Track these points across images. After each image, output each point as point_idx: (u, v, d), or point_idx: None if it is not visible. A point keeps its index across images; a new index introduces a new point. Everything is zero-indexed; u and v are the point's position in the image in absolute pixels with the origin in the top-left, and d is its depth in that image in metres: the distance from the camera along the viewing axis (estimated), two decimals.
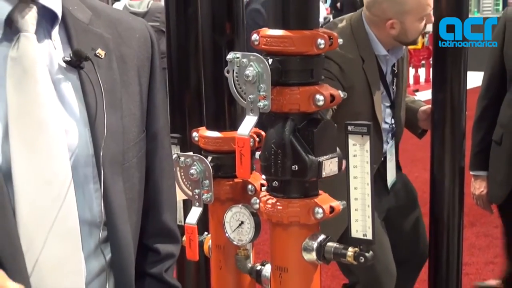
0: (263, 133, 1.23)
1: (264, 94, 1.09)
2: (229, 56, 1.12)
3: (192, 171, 1.25)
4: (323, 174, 1.11)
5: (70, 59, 0.89)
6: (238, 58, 1.10)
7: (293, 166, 1.10)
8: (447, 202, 2.05)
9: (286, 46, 1.09)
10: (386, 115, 2.33)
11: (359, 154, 1.10)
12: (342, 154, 1.14)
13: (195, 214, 1.27)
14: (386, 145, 2.33)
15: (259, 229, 1.23)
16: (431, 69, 2.12)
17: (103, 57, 0.93)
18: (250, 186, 1.27)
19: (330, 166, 1.12)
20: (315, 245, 1.14)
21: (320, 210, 1.12)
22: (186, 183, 1.27)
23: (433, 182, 2.10)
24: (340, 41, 1.13)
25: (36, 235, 0.84)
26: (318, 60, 1.12)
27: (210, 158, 1.28)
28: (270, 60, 1.09)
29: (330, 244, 1.15)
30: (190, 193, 1.27)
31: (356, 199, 1.12)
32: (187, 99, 1.68)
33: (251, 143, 1.15)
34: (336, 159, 1.13)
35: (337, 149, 1.14)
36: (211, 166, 1.25)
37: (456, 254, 2.05)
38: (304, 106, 1.11)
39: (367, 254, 1.13)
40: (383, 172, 2.34)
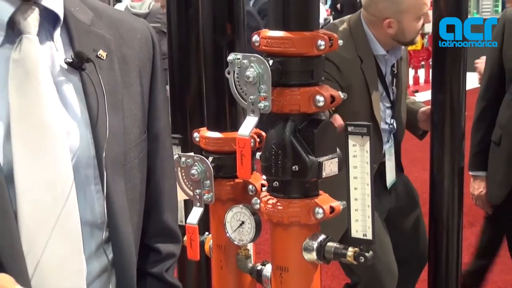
0: (263, 133, 1.23)
1: (264, 95, 1.09)
2: (229, 57, 1.12)
3: (193, 171, 1.25)
4: (323, 174, 1.12)
5: (71, 60, 0.89)
6: (239, 59, 1.11)
7: (293, 167, 1.11)
8: (446, 202, 2.05)
9: (287, 47, 1.10)
10: (386, 115, 2.33)
11: (359, 154, 1.11)
12: (342, 154, 1.15)
13: (196, 214, 1.27)
14: (386, 145, 2.33)
15: (260, 229, 1.23)
16: (431, 70, 2.12)
17: (104, 58, 0.93)
18: (250, 187, 1.27)
19: (330, 167, 1.13)
20: (315, 245, 1.14)
21: (321, 210, 1.13)
22: (187, 183, 1.27)
23: (432, 182, 2.10)
24: (340, 42, 1.13)
25: (38, 236, 0.84)
26: (318, 61, 1.12)
27: (211, 159, 1.28)
28: (271, 61, 1.09)
29: (330, 244, 1.15)
30: (191, 193, 1.27)
31: (356, 199, 1.13)
32: (188, 99, 1.68)
33: (251, 144, 1.16)
34: (336, 159, 1.14)
35: (337, 149, 1.14)
36: (212, 167, 1.26)
37: (456, 254, 2.05)
38: (305, 107, 1.11)
39: (367, 254, 1.13)
40: (383, 172, 2.35)
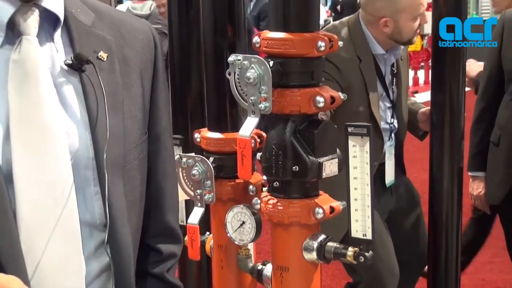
0: (264, 134, 1.24)
1: (265, 96, 1.09)
2: (230, 58, 1.12)
3: (194, 171, 1.25)
4: (323, 174, 1.12)
5: (71, 62, 0.89)
6: (240, 60, 1.11)
7: (293, 167, 1.11)
8: (445, 202, 2.05)
9: (287, 48, 1.10)
10: (387, 115, 2.34)
11: (359, 155, 1.11)
12: (342, 154, 1.15)
13: (197, 214, 1.28)
14: (386, 144, 2.34)
15: (260, 229, 1.24)
16: (430, 70, 2.13)
17: (105, 59, 0.92)
18: (251, 187, 1.28)
19: (330, 167, 1.13)
20: (315, 245, 1.14)
21: (321, 211, 1.13)
22: (188, 183, 1.28)
23: (432, 182, 2.11)
24: (340, 43, 1.13)
25: (37, 237, 0.84)
26: (318, 62, 1.13)
27: (211, 159, 1.28)
28: (271, 62, 1.10)
29: (330, 244, 1.15)
30: (192, 193, 1.27)
31: (356, 199, 1.13)
32: (189, 100, 1.68)
33: (252, 144, 1.16)
34: (336, 160, 1.14)
35: (337, 150, 1.15)
36: (213, 167, 1.26)
37: (455, 254, 2.06)
38: (305, 108, 1.11)
39: (367, 254, 1.13)
40: (384, 173, 2.35)
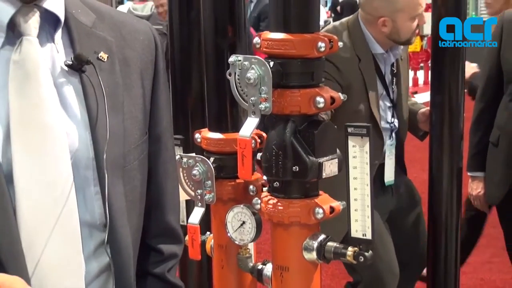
0: (264, 134, 1.24)
1: (265, 96, 1.09)
2: (231, 59, 1.12)
3: (194, 172, 1.25)
4: (323, 175, 1.12)
5: (71, 62, 0.90)
6: (240, 61, 1.11)
7: (294, 167, 1.11)
8: (445, 202, 2.06)
9: (287, 49, 1.10)
10: (387, 114, 2.34)
11: (359, 155, 1.11)
12: (342, 153, 1.15)
13: (197, 214, 1.27)
14: (387, 142, 2.35)
15: (260, 229, 1.24)
16: (430, 71, 2.14)
17: (105, 60, 0.93)
18: (251, 187, 1.28)
19: (330, 167, 1.13)
20: (315, 244, 1.14)
21: (321, 211, 1.13)
22: (189, 183, 1.28)
23: (431, 182, 2.12)
24: (340, 44, 1.13)
25: (37, 237, 0.85)
26: (318, 63, 1.13)
27: (212, 159, 1.28)
28: (271, 63, 1.10)
29: (330, 243, 1.15)
30: (193, 193, 1.27)
31: (355, 199, 1.13)
32: (190, 101, 1.69)
33: (252, 145, 1.16)
34: (336, 160, 1.14)
35: (337, 150, 1.15)
36: (213, 167, 1.26)
37: (454, 254, 2.07)
38: (305, 108, 1.11)
39: (366, 254, 1.13)
40: (384, 172, 2.36)
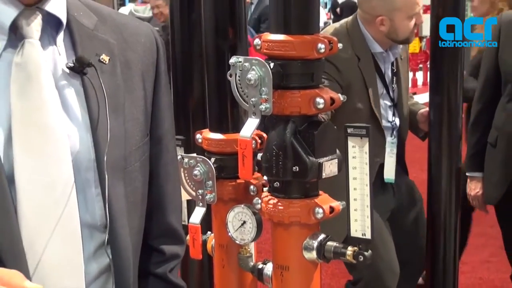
0: (264, 135, 1.24)
1: (266, 97, 1.10)
2: (231, 60, 1.13)
3: (195, 172, 1.26)
4: (323, 175, 1.12)
5: (73, 65, 0.90)
6: (241, 62, 1.11)
7: (294, 167, 1.11)
8: (444, 202, 2.07)
9: (287, 50, 1.10)
10: (388, 113, 2.36)
11: (358, 155, 1.12)
12: (341, 155, 1.16)
13: (198, 214, 1.28)
14: (388, 139, 2.36)
15: (261, 228, 1.24)
16: (429, 71, 2.15)
17: (107, 62, 0.93)
18: (252, 187, 1.28)
19: (330, 167, 1.13)
20: (315, 244, 1.15)
21: (320, 210, 1.14)
22: (190, 183, 1.28)
23: (430, 182, 2.13)
24: (340, 45, 1.14)
25: (38, 237, 0.85)
26: (318, 64, 1.13)
27: (213, 160, 1.29)
28: (272, 64, 1.10)
29: (330, 243, 1.16)
30: (194, 193, 1.28)
31: (355, 199, 1.13)
32: (191, 102, 1.69)
33: (253, 145, 1.16)
34: (336, 160, 1.14)
35: (337, 150, 1.15)
36: (214, 167, 1.26)
37: (453, 253, 2.08)
38: (305, 109, 1.12)
39: (366, 253, 1.13)
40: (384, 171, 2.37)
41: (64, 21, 0.91)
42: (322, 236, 1.16)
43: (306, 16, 1.13)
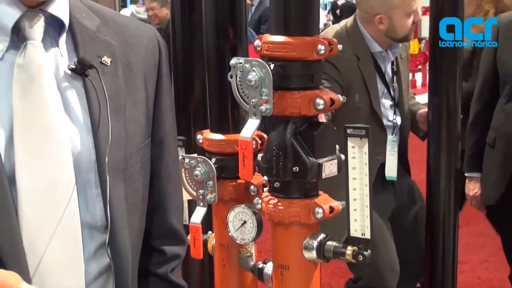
0: (265, 135, 1.25)
1: (266, 98, 1.10)
2: (232, 61, 1.13)
3: (196, 172, 1.26)
4: (323, 175, 1.13)
5: (75, 66, 0.90)
6: (241, 63, 1.12)
7: (294, 168, 1.12)
8: (442, 203, 2.08)
9: (288, 51, 1.11)
10: (389, 112, 2.37)
11: (358, 156, 1.12)
12: (341, 153, 1.16)
13: (199, 214, 1.28)
14: (389, 137, 2.37)
15: (261, 228, 1.25)
16: (428, 72, 2.16)
17: (109, 64, 0.93)
18: (252, 187, 1.29)
19: (330, 168, 1.14)
20: (315, 244, 1.15)
21: (320, 210, 1.14)
22: (191, 184, 1.28)
23: (429, 183, 2.13)
24: (339, 47, 1.14)
25: (39, 238, 0.86)
26: (318, 65, 1.14)
27: (214, 160, 1.29)
28: (272, 65, 1.11)
29: (329, 243, 1.16)
30: (195, 193, 1.28)
31: (355, 199, 1.14)
32: (192, 103, 1.69)
33: (253, 146, 1.17)
34: (336, 160, 1.15)
35: (336, 151, 1.16)
36: (215, 168, 1.27)
37: (452, 253, 2.08)
38: (305, 110, 1.12)
39: (365, 253, 1.14)
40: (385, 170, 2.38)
41: (66, 23, 0.92)
42: (322, 236, 1.17)
43: (306, 18, 1.13)
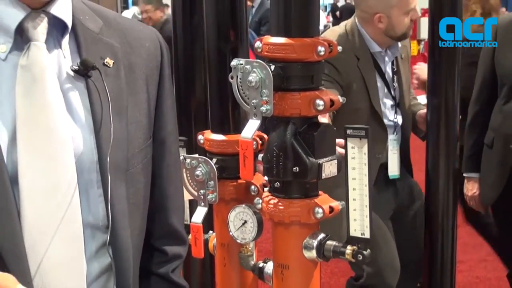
0: (265, 136, 1.25)
1: (266, 99, 1.11)
2: (233, 62, 1.14)
3: (197, 172, 1.27)
4: (323, 175, 1.14)
5: (77, 68, 0.90)
6: (242, 64, 1.13)
7: (294, 168, 1.13)
8: (441, 203, 2.09)
9: (288, 53, 1.12)
10: (390, 112, 2.37)
11: (357, 156, 1.13)
12: (341, 156, 1.17)
13: (200, 214, 1.29)
14: (390, 136, 2.38)
15: (262, 228, 1.26)
16: (427, 73, 2.16)
17: (111, 66, 0.94)
18: (253, 187, 1.29)
19: (330, 168, 1.15)
20: (315, 243, 1.16)
21: (320, 210, 1.15)
22: (192, 184, 1.29)
23: (427, 183, 2.14)
24: (339, 48, 1.15)
25: (41, 238, 0.86)
26: (318, 67, 1.15)
27: (215, 160, 1.30)
28: (273, 67, 1.11)
29: (329, 242, 1.17)
30: (196, 193, 1.29)
31: (354, 199, 1.14)
32: (193, 103, 1.70)
33: (254, 146, 1.17)
34: (336, 161, 1.16)
35: (336, 151, 1.17)
36: (216, 168, 1.27)
37: (450, 252, 2.09)
38: (305, 111, 1.13)
39: (365, 252, 1.15)
40: (387, 169, 2.39)
41: (69, 24, 0.92)
42: (322, 235, 1.18)
43: (306, 19, 1.14)
